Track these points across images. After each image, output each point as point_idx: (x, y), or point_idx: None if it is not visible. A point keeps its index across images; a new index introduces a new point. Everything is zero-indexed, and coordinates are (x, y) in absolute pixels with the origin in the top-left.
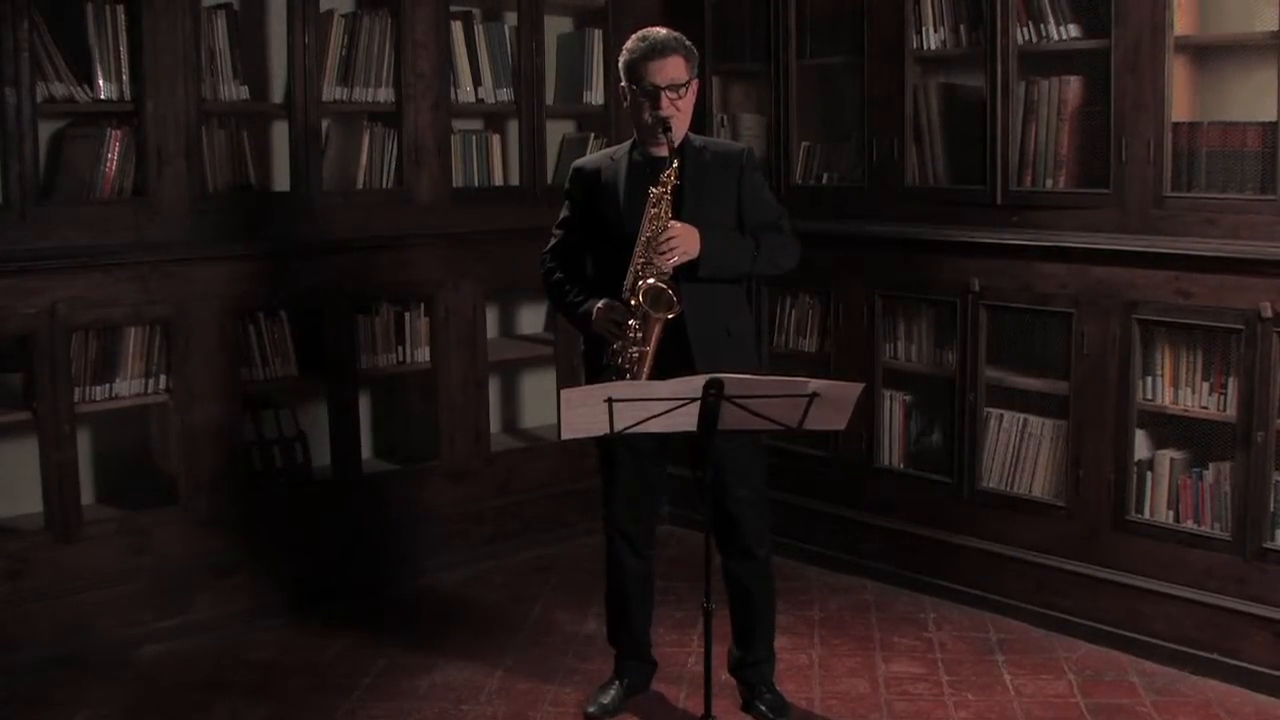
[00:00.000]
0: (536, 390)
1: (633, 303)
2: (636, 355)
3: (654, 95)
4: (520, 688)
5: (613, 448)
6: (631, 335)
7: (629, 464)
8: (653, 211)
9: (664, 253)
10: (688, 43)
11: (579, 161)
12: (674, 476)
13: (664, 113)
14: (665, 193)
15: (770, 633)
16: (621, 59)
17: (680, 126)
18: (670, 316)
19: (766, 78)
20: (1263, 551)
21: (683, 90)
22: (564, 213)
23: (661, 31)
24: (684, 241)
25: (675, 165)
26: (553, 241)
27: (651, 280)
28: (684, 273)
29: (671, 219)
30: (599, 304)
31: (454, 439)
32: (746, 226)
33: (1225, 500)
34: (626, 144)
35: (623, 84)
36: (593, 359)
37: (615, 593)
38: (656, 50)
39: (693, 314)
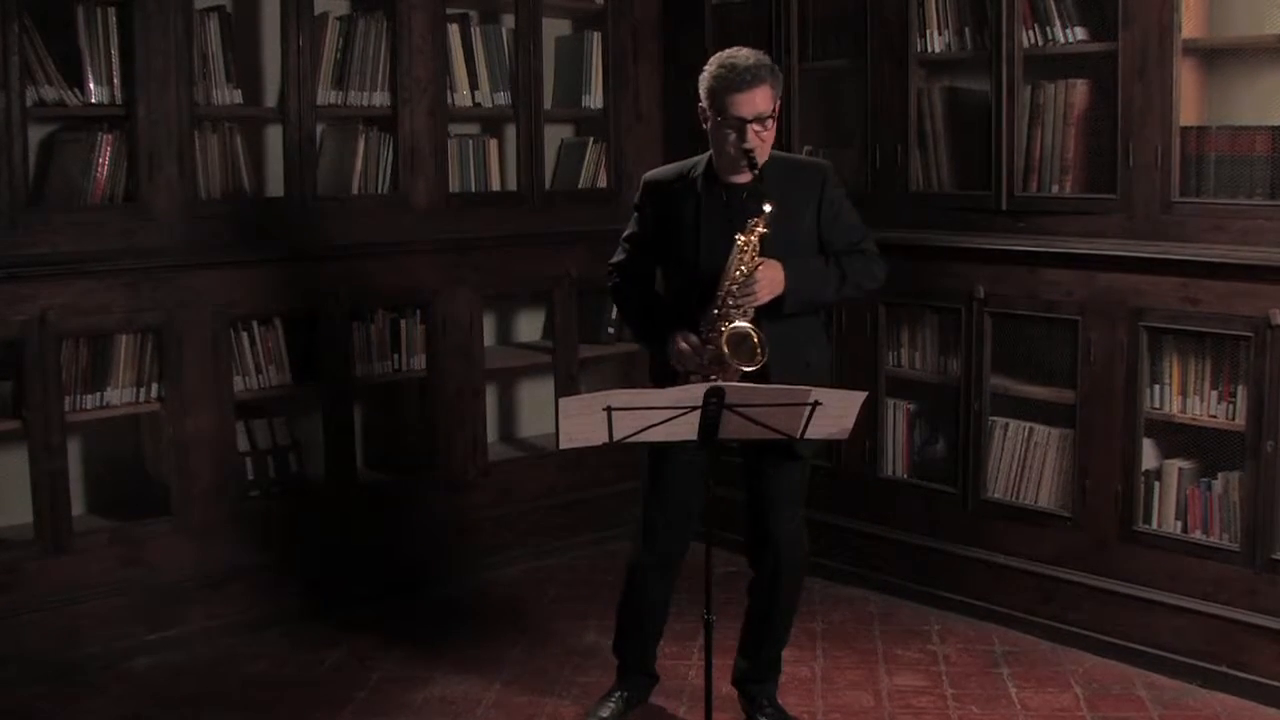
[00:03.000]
0: (534, 399)
1: (713, 348)
2: None
3: (739, 128)
4: (518, 701)
5: (663, 461)
6: (706, 377)
7: (680, 480)
8: (739, 258)
9: (750, 294)
10: (774, 67)
11: (651, 175)
12: None
13: (749, 145)
14: (753, 241)
15: (780, 649)
16: (704, 83)
17: (765, 153)
18: (751, 369)
19: None
20: (1272, 563)
21: (769, 121)
22: (632, 228)
23: (749, 57)
24: (770, 282)
25: (767, 211)
26: (620, 256)
27: (737, 324)
28: (768, 309)
29: (758, 258)
30: (676, 337)
31: (450, 448)
32: (828, 248)
33: (1234, 510)
34: (701, 160)
35: (702, 104)
36: (661, 378)
37: (631, 607)
38: (744, 81)
39: (775, 349)
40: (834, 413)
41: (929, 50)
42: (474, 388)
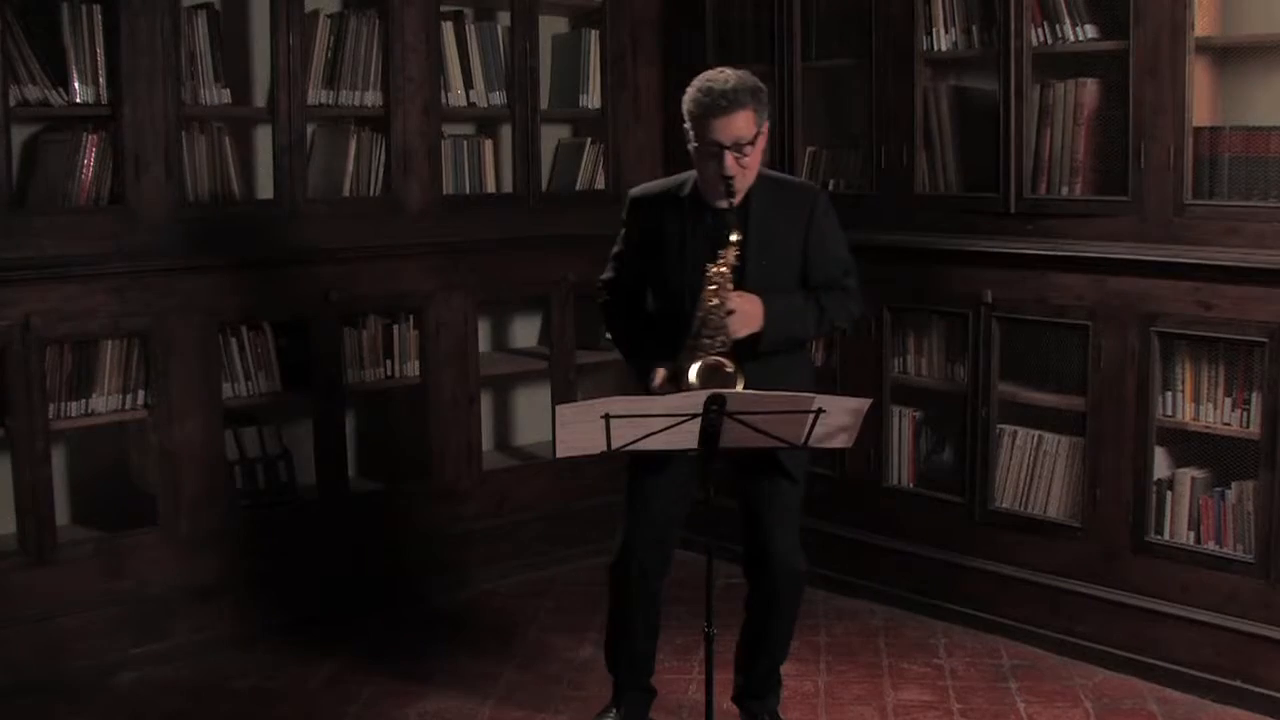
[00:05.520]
0: (531, 406)
1: (687, 383)
2: None
3: (718, 155)
4: (513, 716)
5: (645, 476)
6: None
7: (659, 488)
8: (710, 288)
9: (724, 329)
10: (758, 88)
11: (637, 191)
12: None
13: (728, 173)
14: (725, 272)
15: (776, 666)
16: (685, 104)
17: (747, 180)
18: None
19: (770, 80)
20: None
21: (749, 148)
22: (618, 246)
23: (729, 80)
24: (745, 317)
25: (736, 241)
26: (608, 274)
27: (702, 361)
28: (745, 345)
29: (733, 290)
30: (657, 374)
31: (444, 457)
32: (810, 278)
33: (1248, 521)
34: (690, 178)
35: (685, 126)
36: None
37: (619, 621)
38: (720, 107)
39: (754, 382)
40: (838, 421)
41: (935, 49)
42: (468, 395)
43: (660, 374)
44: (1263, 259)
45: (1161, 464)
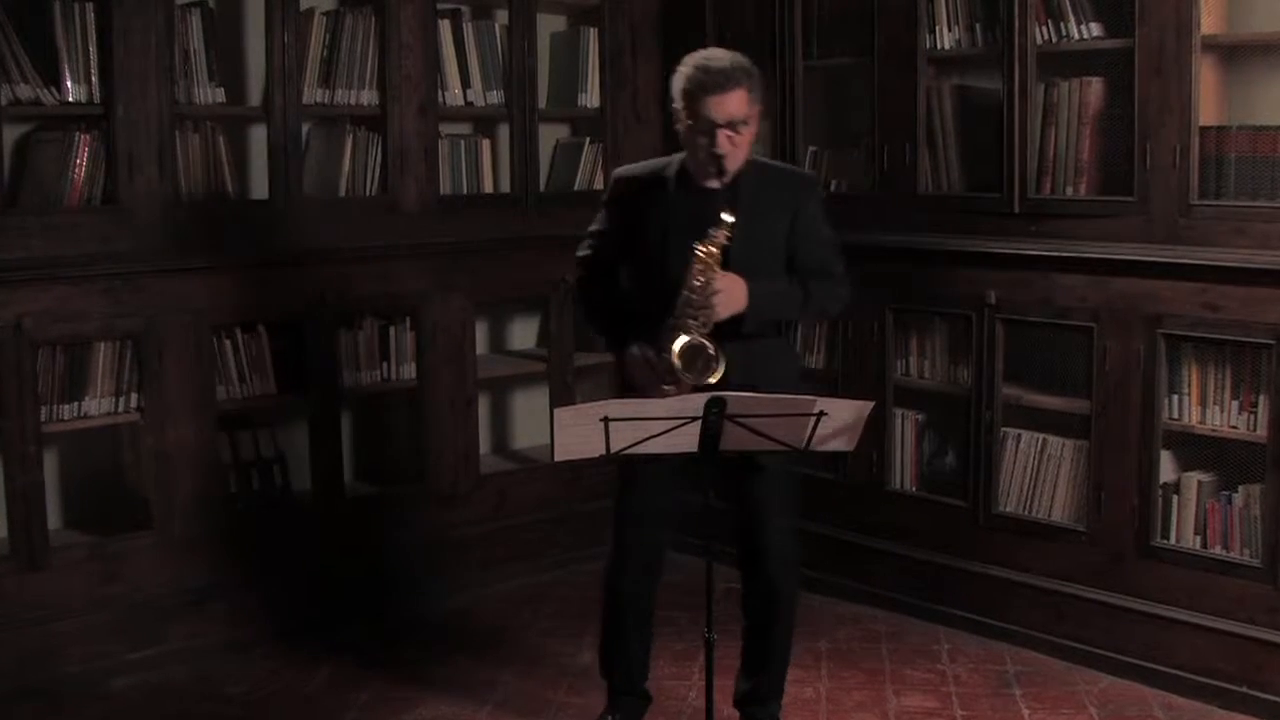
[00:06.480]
0: (528, 409)
1: (669, 361)
2: None
3: (710, 132)
4: None
5: (634, 468)
6: (663, 392)
7: (650, 485)
8: (698, 268)
9: (707, 308)
10: (752, 69)
11: (622, 170)
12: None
13: (719, 151)
14: (713, 252)
15: (783, 669)
16: (677, 83)
17: (737, 160)
18: (709, 380)
19: (771, 79)
20: None
21: (742, 127)
22: (597, 224)
23: (724, 60)
24: (729, 297)
25: (728, 221)
26: (585, 252)
27: (687, 339)
28: (728, 327)
29: (718, 270)
30: (633, 349)
31: (441, 460)
32: (796, 265)
33: (1255, 525)
34: (676, 160)
35: (676, 105)
36: (627, 384)
37: (613, 622)
38: (717, 84)
39: (737, 365)
40: (840, 424)
41: (938, 47)
42: (466, 397)
43: (639, 354)
44: (1269, 260)
45: (1167, 468)
